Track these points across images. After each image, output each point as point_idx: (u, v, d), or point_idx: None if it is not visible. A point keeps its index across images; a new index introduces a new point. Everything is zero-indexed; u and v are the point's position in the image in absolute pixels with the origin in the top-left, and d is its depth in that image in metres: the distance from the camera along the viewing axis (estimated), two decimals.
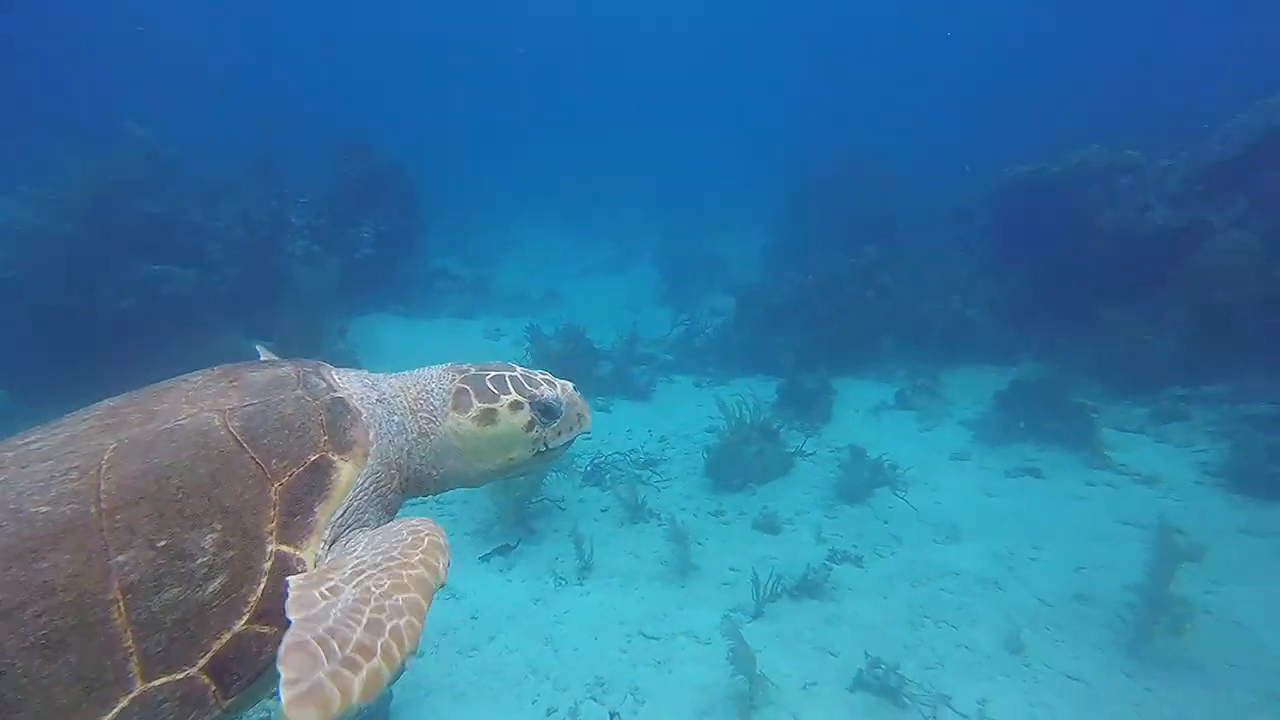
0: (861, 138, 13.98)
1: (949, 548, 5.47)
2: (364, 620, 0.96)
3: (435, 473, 1.49)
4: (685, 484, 6.66)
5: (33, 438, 1.15)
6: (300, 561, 1.11)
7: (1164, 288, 7.52)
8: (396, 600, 1.01)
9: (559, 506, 6.14)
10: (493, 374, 1.53)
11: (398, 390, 1.49)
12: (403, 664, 0.97)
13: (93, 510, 1.00)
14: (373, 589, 1.02)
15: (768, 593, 4.99)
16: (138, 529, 1.00)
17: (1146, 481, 5.95)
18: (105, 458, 1.07)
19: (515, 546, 5.52)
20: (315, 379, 1.37)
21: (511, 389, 1.51)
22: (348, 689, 0.86)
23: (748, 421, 7.00)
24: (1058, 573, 5.00)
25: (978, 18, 28.19)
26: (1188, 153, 8.28)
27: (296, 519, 1.12)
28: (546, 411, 1.53)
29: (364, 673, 0.89)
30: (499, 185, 20.43)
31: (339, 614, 0.96)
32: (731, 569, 5.43)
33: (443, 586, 1.14)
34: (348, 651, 0.90)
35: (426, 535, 1.18)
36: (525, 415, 1.50)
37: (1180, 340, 7.17)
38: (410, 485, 1.48)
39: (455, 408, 1.47)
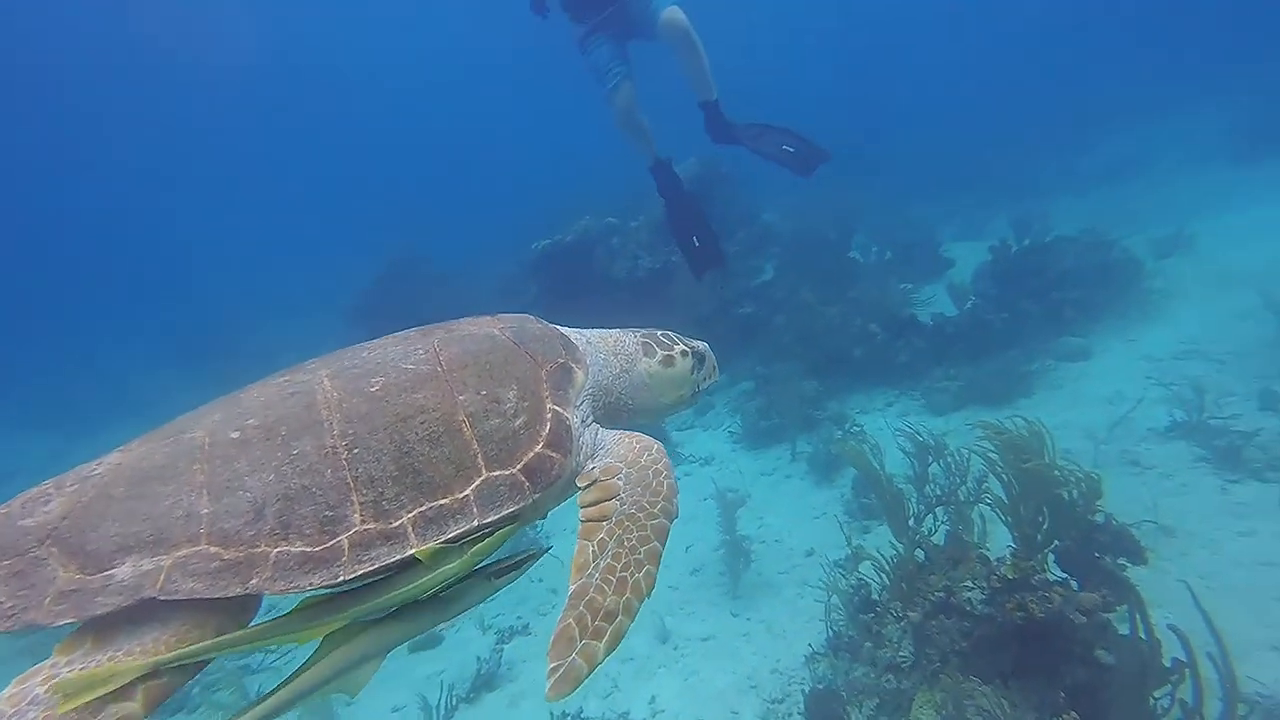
0: (413, 239, 14.61)
1: None
2: (614, 581, 1.37)
3: (631, 403, 1.89)
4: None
5: (374, 341, 1.69)
6: (566, 418, 1.56)
7: (669, 313, 9.95)
8: (639, 554, 1.44)
9: None
10: (659, 333, 2.02)
11: (598, 339, 1.91)
12: (640, 606, 1.35)
13: (439, 369, 1.53)
14: (625, 541, 1.46)
15: (444, 711, 4.63)
16: (468, 382, 1.52)
17: (705, 462, 7.70)
18: (435, 345, 1.60)
19: None
20: (545, 321, 1.85)
21: (678, 341, 2.00)
22: (593, 657, 1.26)
23: None
24: (676, 558, 6.01)
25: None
26: (645, 214, 11.17)
27: (560, 392, 1.59)
28: (700, 360, 2.02)
29: (607, 637, 1.28)
30: None
31: (598, 578, 1.38)
32: (395, 709, 4.85)
33: (676, 518, 1.56)
34: (596, 621, 1.30)
35: (665, 478, 1.60)
36: (690, 360, 1.98)
37: None
38: (609, 412, 1.85)
39: (646, 354, 1.93)
